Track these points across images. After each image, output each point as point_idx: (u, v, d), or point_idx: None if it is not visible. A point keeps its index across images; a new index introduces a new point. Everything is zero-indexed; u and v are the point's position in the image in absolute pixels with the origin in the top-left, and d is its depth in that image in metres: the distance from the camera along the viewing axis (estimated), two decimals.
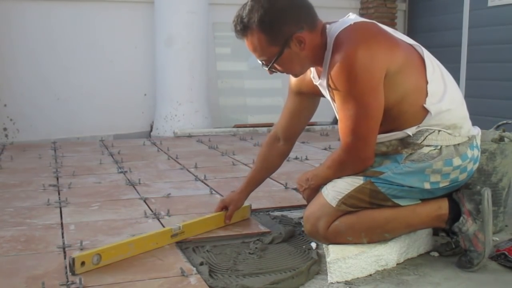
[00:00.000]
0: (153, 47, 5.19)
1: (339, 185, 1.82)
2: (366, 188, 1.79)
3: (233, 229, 2.18)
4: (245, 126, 5.30)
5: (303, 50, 1.78)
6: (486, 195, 1.76)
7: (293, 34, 1.75)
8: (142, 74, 5.32)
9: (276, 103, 5.53)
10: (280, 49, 1.77)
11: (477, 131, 1.89)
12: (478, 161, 1.87)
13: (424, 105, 1.76)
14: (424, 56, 1.80)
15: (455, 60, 5.19)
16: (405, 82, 1.75)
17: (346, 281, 1.72)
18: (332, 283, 1.71)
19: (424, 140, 1.76)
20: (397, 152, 1.78)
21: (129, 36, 5.26)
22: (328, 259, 1.74)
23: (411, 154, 1.76)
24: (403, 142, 1.78)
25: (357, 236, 1.81)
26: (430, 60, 1.82)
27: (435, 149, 1.76)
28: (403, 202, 1.81)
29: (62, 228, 2.22)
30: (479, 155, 1.88)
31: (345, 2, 6.03)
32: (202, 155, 3.94)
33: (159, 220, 2.31)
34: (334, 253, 1.76)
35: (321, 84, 1.88)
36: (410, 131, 1.77)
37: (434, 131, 1.77)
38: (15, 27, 4.85)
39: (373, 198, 1.79)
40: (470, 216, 1.77)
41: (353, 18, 1.81)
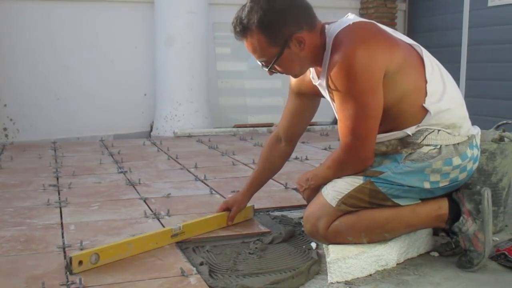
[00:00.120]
0: (153, 47, 5.19)
1: (339, 185, 1.82)
2: (366, 188, 1.79)
3: (233, 229, 2.18)
4: (245, 126, 5.30)
5: (303, 51, 1.78)
6: (486, 195, 1.76)
7: (293, 35, 1.75)
8: (142, 74, 5.32)
9: (276, 103, 5.53)
10: (280, 50, 1.77)
11: (477, 131, 1.89)
12: (478, 161, 1.87)
13: (424, 105, 1.76)
14: (423, 56, 1.80)
15: (455, 60, 5.19)
16: (404, 82, 1.75)
17: (346, 281, 1.72)
18: (332, 283, 1.71)
19: (424, 140, 1.76)
20: (397, 152, 1.78)
21: (129, 36, 5.26)
22: (328, 259, 1.74)
23: (411, 154, 1.76)
24: (403, 142, 1.78)
25: (357, 236, 1.81)
26: (429, 60, 1.82)
27: (435, 149, 1.76)
28: (403, 202, 1.81)
29: (62, 228, 2.22)
30: (479, 155, 1.88)
31: (345, 2, 6.04)
32: (202, 155, 3.93)
33: (159, 220, 2.31)
34: (334, 253, 1.75)
35: (321, 84, 1.88)
36: (410, 131, 1.77)
37: (434, 131, 1.77)
38: (15, 27, 4.85)
39: (373, 198, 1.79)
40: (470, 216, 1.77)
41: (352, 18, 1.81)
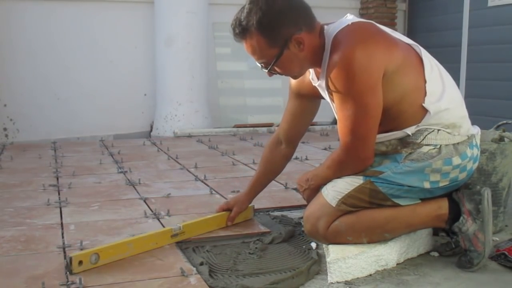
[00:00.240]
0: (153, 47, 5.19)
1: (339, 185, 1.82)
2: (366, 188, 1.79)
3: (233, 229, 2.18)
4: (245, 126, 5.30)
5: (302, 51, 1.78)
6: (486, 195, 1.76)
7: (292, 36, 1.75)
8: (142, 74, 5.32)
9: (276, 103, 5.53)
10: (279, 51, 1.77)
11: (477, 130, 1.89)
12: (478, 160, 1.87)
13: (423, 105, 1.76)
14: (422, 56, 1.80)
15: (455, 60, 5.19)
16: (404, 82, 1.75)
17: (346, 281, 1.72)
18: (332, 283, 1.71)
19: (424, 140, 1.76)
20: (397, 152, 1.78)
21: (129, 36, 5.26)
22: (328, 259, 1.74)
23: (411, 154, 1.76)
24: (403, 142, 1.78)
25: (357, 236, 1.81)
26: (428, 60, 1.82)
27: (435, 148, 1.76)
28: (403, 202, 1.81)
29: (62, 228, 2.22)
30: (479, 154, 1.88)
31: (345, 2, 6.04)
32: (202, 155, 3.94)
33: (159, 220, 2.31)
34: (334, 253, 1.75)
35: (320, 85, 1.88)
36: (410, 131, 1.77)
37: (434, 131, 1.77)
38: (15, 27, 4.85)
39: (373, 198, 1.79)
40: (470, 216, 1.77)
41: (351, 19, 1.81)
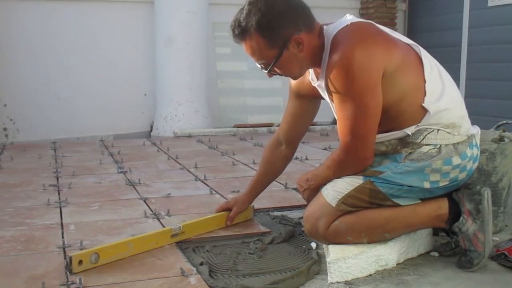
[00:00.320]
0: (153, 47, 5.19)
1: (339, 185, 1.82)
2: (366, 188, 1.79)
3: (233, 229, 2.18)
4: (245, 126, 5.30)
5: (302, 52, 1.78)
6: (486, 195, 1.76)
7: (291, 36, 1.75)
8: (142, 74, 5.32)
9: (276, 103, 5.53)
10: (279, 52, 1.77)
11: (477, 130, 1.89)
12: (478, 160, 1.87)
13: (423, 104, 1.75)
14: (422, 56, 1.80)
15: (455, 60, 5.19)
16: (403, 82, 1.75)
17: (346, 281, 1.72)
18: (332, 283, 1.71)
19: (423, 139, 1.76)
20: (397, 152, 1.78)
21: (129, 36, 5.26)
22: (328, 259, 1.74)
23: (411, 154, 1.76)
24: (403, 142, 1.78)
25: (357, 236, 1.81)
26: (428, 60, 1.82)
27: (434, 148, 1.76)
28: (403, 202, 1.81)
29: (62, 228, 2.22)
30: (479, 154, 1.88)
31: (345, 2, 6.04)
32: (202, 155, 3.94)
33: (159, 220, 2.31)
34: (334, 253, 1.75)
35: (320, 86, 1.88)
36: (409, 131, 1.77)
37: (433, 130, 1.77)
38: (15, 27, 4.85)
39: (373, 198, 1.79)
40: (470, 216, 1.77)
41: (350, 19, 1.81)
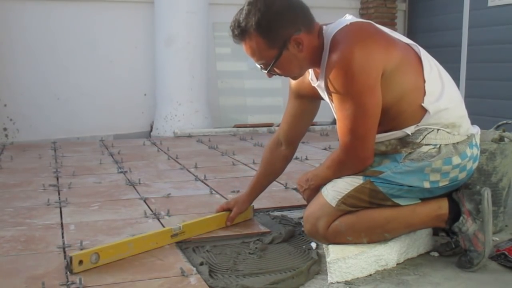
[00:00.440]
0: (153, 47, 5.19)
1: (339, 185, 1.82)
2: (366, 188, 1.79)
3: (233, 229, 2.18)
4: (245, 126, 5.30)
5: (301, 52, 1.78)
6: (486, 195, 1.76)
7: (291, 36, 1.75)
8: (142, 74, 5.32)
9: (276, 103, 5.53)
10: (278, 52, 1.77)
11: (476, 130, 1.89)
12: (478, 160, 1.87)
13: (422, 104, 1.75)
14: (421, 55, 1.80)
15: (455, 60, 5.19)
16: (403, 81, 1.75)
17: (346, 281, 1.72)
18: (332, 283, 1.71)
19: (423, 139, 1.76)
20: (397, 152, 1.78)
21: (129, 36, 5.26)
22: (328, 259, 1.74)
23: (411, 153, 1.76)
24: (402, 142, 1.78)
25: (357, 236, 1.81)
26: (427, 59, 1.82)
27: (434, 148, 1.76)
28: (403, 202, 1.81)
29: (62, 228, 2.22)
30: (479, 154, 1.88)
31: (345, 2, 6.04)
32: (202, 155, 3.93)
33: (159, 220, 2.31)
34: (334, 253, 1.75)
35: (319, 86, 1.88)
36: (409, 130, 1.77)
37: (433, 130, 1.77)
38: (15, 27, 4.85)
39: (373, 198, 1.79)
40: (470, 216, 1.77)
41: (350, 19, 1.81)
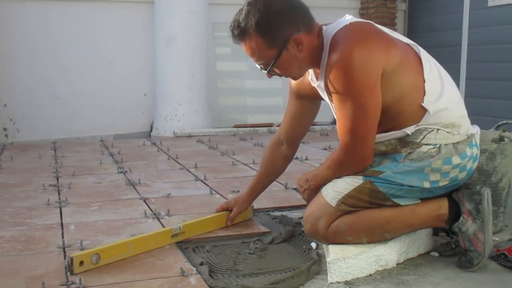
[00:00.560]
0: (153, 47, 5.19)
1: (339, 185, 1.82)
2: (366, 188, 1.79)
3: (233, 229, 2.18)
4: (245, 126, 5.30)
5: (301, 52, 1.78)
6: (486, 195, 1.76)
7: (291, 36, 1.75)
8: (142, 74, 5.32)
9: (276, 103, 5.53)
10: (278, 52, 1.77)
11: (476, 130, 1.89)
12: (478, 160, 1.87)
13: (422, 104, 1.75)
14: (421, 55, 1.80)
15: (455, 60, 5.19)
16: (403, 81, 1.75)
17: (346, 281, 1.72)
18: (332, 283, 1.71)
19: (423, 139, 1.76)
20: (396, 151, 1.78)
21: (129, 36, 5.26)
22: (328, 259, 1.74)
23: (410, 153, 1.76)
24: (402, 141, 1.78)
25: (357, 236, 1.81)
26: (427, 59, 1.82)
27: (434, 148, 1.76)
28: (403, 202, 1.81)
29: (62, 228, 2.22)
30: (479, 154, 1.88)
31: (345, 2, 6.04)
32: (202, 155, 3.94)
33: (159, 220, 2.31)
34: (334, 253, 1.75)
35: (319, 86, 1.88)
36: (409, 130, 1.77)
37: (433, 130, 1.77)
38: (15, 27, 4.85)
39: (373, 198, 1.79)
40: (470, 216, 1.77)
41: (349, 19, 1.81)
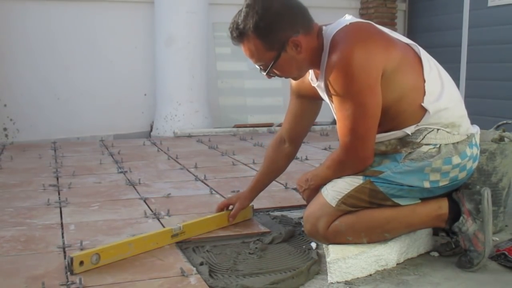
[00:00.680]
0: (153, 47, 5.19)
1: (339, 185, 1.82)
2: (366, 188, 1.79)
3: (233, 229, 2.18)
4: (245, 126, 5.30)
5: (300, 54, 1.78)
6: (486, 195, 1.76)
7: (289, 38, 1.75)
8: (142, 74, 5.32)
9: (276, 103, 5.53)
10: (277, 54, 1.77)
11: (476, 130, 1.89)
12: (478, 160, 1.87)
13: (422, 104, 1.75)
14: (421, 55, 1.80)
15: (455, 60, 5.19)
16: (403, 81, 1.75)
17: (346, 281, 1.72)
18: (332, 283, 1.71)
19: (423, 139, 1.76)
20: (397, 151, 1.78)
21: (129, 36, 5.26)
22: (328, 259, 1.74)
23: (410, 153, 1.76)
24: (402, 141, 1.78)
25: (357, 236, 1.81)
26: (427, 59, 1.82)
27: (434, 148, 1.76)
28: (403, 202, 1.81)
29: (62, 228, 2.22)
30: (479, 154, 1.88)
31: (345, 2, 6.04)
32: (202, 155, 3.94)
33: (159, 220, 2.31)
34: (334, 253, 1.75)
35: (319, 86, 1.88)
36: (409, 130, 1.77)
37: (433, 130, 1.77)
38: (15, 27, 4.85)
39: (373, 198, 1.79)
40: (470, 216, 1.77)
41: (349, 19, 1.81)
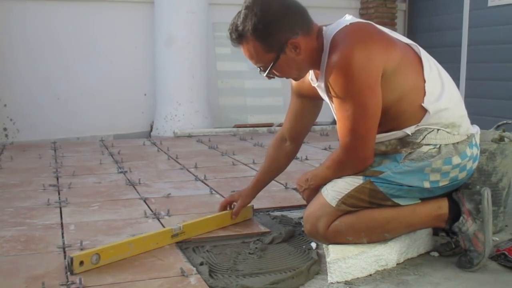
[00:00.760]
0: (153, 47, 5.19)
1: (339, 185, 1.82)
2: (366, 188, 1.79)
3: (233, 229, 2.18)
4: (245, 126, 5.30)
5: (299, 55, 1.79)
6: (486, 195, 1.76)
7: (288, 40, 1.75)
8: (142, 74, 5.32)
9: (276, 103, 5.53)
10: (276, 56, 1.78)
11: (476, 130, 1.89)
12: (478, 160, 1.87)
13: (422, 104, 1.76)
14: (421, 55, 1.80)
15: (455, 60, 5.19)
16: (403, 81, 1.75)
17: (346, 281, 1.72)
18: (332, 283, 1.71)
19: (423, 139, 1.76)
20: (397, 152, 1.78)
21: (129, 36, 5.26)
22: (328, 259, 1.74)
23: (411, 153, 1.76)
24: (402, 142, 1.78)
25: (357, 236, 1.81)
26: (427, 59, 1.82)
27: (434, 148, 1.76)
28: (403, 202, 1.81)
29: (62, 228, 2.22)
30: (479, 154, 1.88)
31: (345, 2, 6.04)
32: (202, 155, 3.94)
33: (159, 220, 2.31)
34: (334, 253, 1.75)
35: (319, 86, 1.88)
36: (409, 130, 1.77)
37: (433, 130, 1.77)
38: (15, 27, 4.85)
39: (373, 198, 1.79)
40: (470, 216, 1.77)
41: (349, 19, 1.81)
